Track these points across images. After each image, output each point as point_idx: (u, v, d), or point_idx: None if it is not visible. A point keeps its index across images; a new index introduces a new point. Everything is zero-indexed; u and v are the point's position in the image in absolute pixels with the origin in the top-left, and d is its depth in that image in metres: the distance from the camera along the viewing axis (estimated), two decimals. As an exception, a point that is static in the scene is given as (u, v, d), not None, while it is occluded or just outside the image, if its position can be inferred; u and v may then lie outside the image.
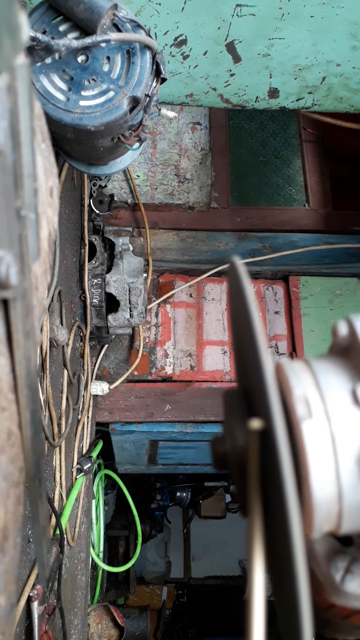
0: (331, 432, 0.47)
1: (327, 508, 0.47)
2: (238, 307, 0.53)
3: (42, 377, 1.55)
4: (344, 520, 0.48)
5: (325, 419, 0.48)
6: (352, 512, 0.48)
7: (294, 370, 0.52)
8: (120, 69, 1.19)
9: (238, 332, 0.57)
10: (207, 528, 5.60)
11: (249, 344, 0.49)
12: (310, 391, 0.49)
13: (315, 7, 1.42)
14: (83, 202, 2.24)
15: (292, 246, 2.53)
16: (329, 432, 0.47)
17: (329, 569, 0.55)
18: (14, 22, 0.43)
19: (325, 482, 0.47)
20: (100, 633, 2.84)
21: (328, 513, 0.48)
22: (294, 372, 0.51)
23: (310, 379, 0.51)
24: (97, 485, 2.90)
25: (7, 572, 0.51)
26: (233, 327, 0.62)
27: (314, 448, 0.47)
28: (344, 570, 0.54)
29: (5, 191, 0.44)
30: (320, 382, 0.50)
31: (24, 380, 0.51)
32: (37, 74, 1.17)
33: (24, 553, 1.38)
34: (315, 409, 0.48)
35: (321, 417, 0.48)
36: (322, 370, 0.51)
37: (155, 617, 5.21)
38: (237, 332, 0.58)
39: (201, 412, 2.41)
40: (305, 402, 0.48)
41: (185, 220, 2.52)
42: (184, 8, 1.41)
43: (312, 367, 0.52)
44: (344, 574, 0.54)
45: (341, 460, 0.47)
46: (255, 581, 0.44)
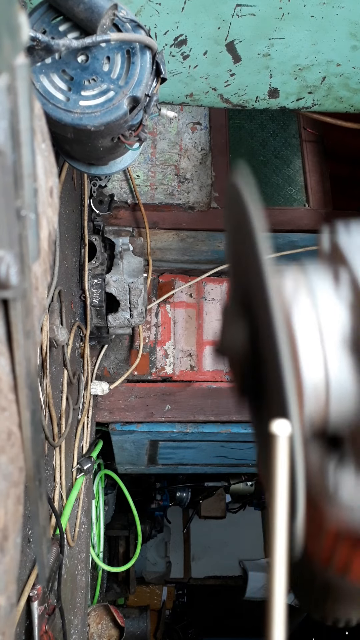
0: (318, 318, 0.51)
1: (316, 393, 0.50)
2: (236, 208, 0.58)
3: (42, 377, 1.55)
4: (332, 405, 0.50)
5: (312, 306, 0.51)
6: (340, 395, 0.50)
7: (288, 271, 0.57)
8: (120, 69, 1.19)
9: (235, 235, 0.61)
10: (207, 528, 5.60)
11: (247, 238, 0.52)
12: (301, 285, 0.54)
13: (315, 7, 1.42)
14: (83, 202, 2.24)
15: (292, 246, 2.53)
16: (316, 319, 0.51)
17: (322, 476, 0.56)
18: (14, 22, 0.43)
19: (313, 367, 0.50)
20: (100, 633, 2.84)
21: (317, 398, 0.50)
22: (288, 272, 0.56)
23: (301, 276, 0.55)
24: (97, 485, 2.90)
25: (7, 572, 0.51)
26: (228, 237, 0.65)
27: (302, 334, 0.50)
28: (335, 464, 0.56)
29: (5, 191, 0.44)
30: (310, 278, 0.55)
31: (24, 380, 0.51)
32: (37, 74, 1.17)
33: (24, 553, 1.38)
34: (303, 299, 0.52)
35: (308, 306, 0.51)
36: (311, 269, 0.57)
37: (155, 617, 5.21)
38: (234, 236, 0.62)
39: (201, 412, 2.41)
40: (295, 292, 0.53)
41: (185, 220, 2.52)
42: (184, 8, 1.41)
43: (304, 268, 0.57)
44: (336, 467, 0.56)
45: (327, 345, 0.50)
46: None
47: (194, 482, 4.68)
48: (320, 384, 0.50)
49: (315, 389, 0.50)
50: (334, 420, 0.52)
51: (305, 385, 0.50)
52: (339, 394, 0.50)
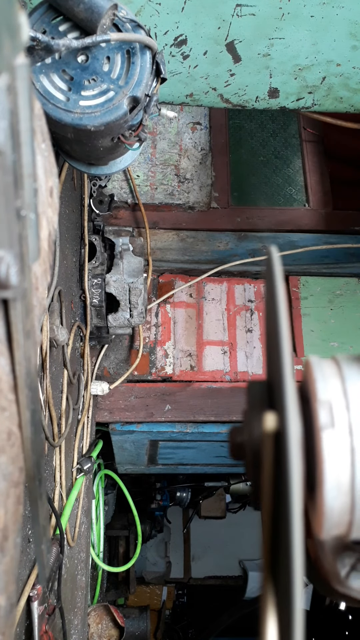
0: (352, 445, 0.46)
1: (339, 517, 0.47)
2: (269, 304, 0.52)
3: (42, 377, 1.55)
4: (353, 530, 0.48)
5: (348, 430, 0.46)
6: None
7: (322, 371, 0.50)
8: (120, 69, 1.19)
9: (268, 328, 0.56)
10: (207, 528, 5.60)
11: (274, 341, 0.48)
12: (336, 397, 0.48)
13: (315, 7, 1.42)
14: (83, 202, 2.24)
15: (292, 246, 2.53)
16: (350, 444, 0.46)
17: (335, 564, 0.55)
18: (14, 22, 0.43)
19: (339, 493, 0.46)
20: (100, 633, 2.84)
21: (339, 521, 0.47)
22: (322, 373, 0.50)
23: (338, 384, 0.49)
24: (97, 485, 2.90)
25: (7, 572, 0.51)
26: (265, 324, 0.61)
27: (331, 458, 0.46)
28: (350, 566, 0.54)
29: (5, 191, 0.44)
30: (347, 389, 0.48)
31: (24, 380, 0.51)
32: (37, 74, 1.17)
33: (24, 553, 1.38)
34: (338, 419, 0.47)
35: (343, 428, 0.46)
36: (351, 375, 0.49)
37: (155, 617, 5.20)
38: (268, 329, 0.57)
39: (201, 412, 2.41)
40: (329, 410, 0.47)
41: (185, 220, 2.52)
42: (184, 8, 1.41)
43: (342, 370, 0.50)
44: (350, 570, 0.54)
45: (358, 473, 0.46)
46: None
47: (194, 482, 4.67)
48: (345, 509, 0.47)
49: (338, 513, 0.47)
50: (354, 538, 0.50)
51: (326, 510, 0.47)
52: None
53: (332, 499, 0.46)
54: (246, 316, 2.59)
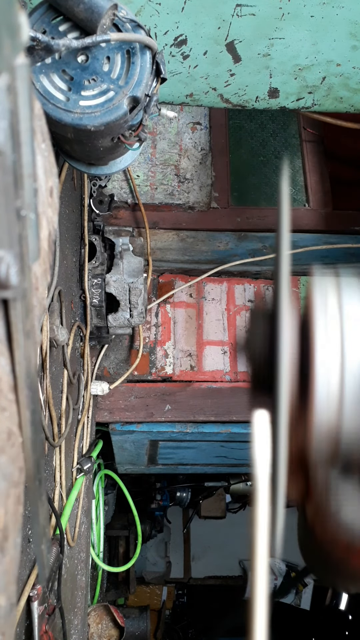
0: (342, 354, 0.51)
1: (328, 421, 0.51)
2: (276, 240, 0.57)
3: (42, 377, 1.55)
4: (343, 436, 0.51)
5: (340, 341, 0.51)
6: (351, 428, 0.51)
7: (322, 286, 0.56)
8: (120, 69, 1.19)
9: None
10: (207, 528, 5.60)
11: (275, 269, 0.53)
12: (332, 311, 0.53)
13: (315, 7, 1.42)
14: (83, 202, 2.24)
15: (292, 246, 2.53)
16: (340, 353, 0.51)
17: (327, 496, 0.58)
18: (14, 22, 0.43)
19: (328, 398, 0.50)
20: (100, 633, 2.84)
21: (328, 425, 0.51)
22: (322, 288, 0.56)
23: (334, 299, 0.54)
24: (97, 485, 2.90)
25: (7, 572, 0.51)
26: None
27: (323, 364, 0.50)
28: (341, 497, 0.57)
29: (5, 191, 0.44)
30: (343, 303, 0.54)
31: (24, 380, 0.51)
32: (37, 74, 1.17)
33: (24, 553, 1.38)
34: (332, 330, 0.52)
35: (336, 339, 0.52)
36: (349, 292, 0.55)
37: (155, 617, 5.20)
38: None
39: (201, 412, 2.41)
40: (323, 322, 0.52)
41: (185, 220, 2.52)
42: (184, 8, 1.41)
43: (340, 286, 0.56)
44: (341, 501, 0.57)
45: (347, 380, 0.50)
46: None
47: (194, 482, 4.67)
48: (334, 393, 0.51)
49: (328, 397, 0.51)
50: (346, 438, 0.52)
51: (317, 390, 0.50)
52: (353, 408, 0.51)
53: (322, 401, 0.50)
54: (246, 316, 2.59)
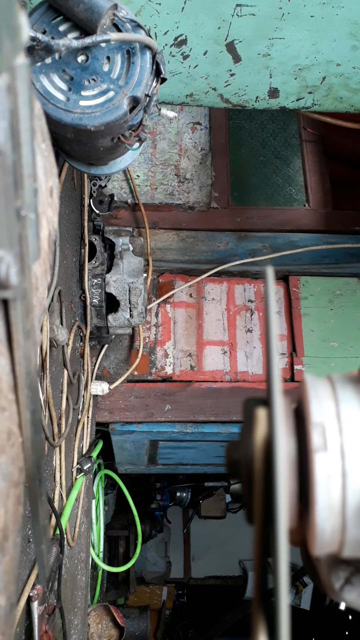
0: (343, 468, 0.47)
1: (330, 536, 0.48)
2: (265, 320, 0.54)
3: (42, 377, 1.55)
4: (345, 550, 0.49)
5: (340, 454, 0.47)
6: (354, 544, 0.48)
7: (316, 392, 0.51)
8: (120, 69, 1.19)
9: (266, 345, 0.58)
10: (207, 528, 5.60)
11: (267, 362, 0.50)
12: (329, 420, 0.49)
13: (315, 7, 1.42)
14: (83, 202, 2.24)
15: (292, 246, 2.53)
16: (342, 467, 0.47)
17: (329, 576, 0.56)
18: (14, 22, 0.43)
19: (330, 515, 0.47)
20: (100, 633, 2.84)
21: (331, 540, 0.48)
22: (316, 394, 0.51)
23: (331, 406, 0.50)
24: (97, 485, 2.90)
25: (7, 572, 0.51)
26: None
27: (323, 481, 0.47)
28: (344, 580, 0.55)
29: (5, 191, 0.44)
30: (341, 411, 0.49)
31: (24, 380, 0.51)
32: (37, 74, 1.17)
33: (24, 553, 1.38)
34: (331, 442, 0.48)
35: (336, 451, 0.47)
36: (345, 398, 0.50)
37: (155, 617, 5.20)
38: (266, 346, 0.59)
39: (201, 412, 2.41)
40: (322, 432, 0.48)
41: (185, 220, 2.52)
42: (184, 8, 1.41)
43: (336, 392, 0.51)
44: (344, 584, 0.55)
45: (349, 496, 0.47)
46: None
47: (194, 482, 4.67)
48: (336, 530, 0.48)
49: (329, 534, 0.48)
50: (347, 556, 0.51)
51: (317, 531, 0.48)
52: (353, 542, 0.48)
53: (323, 520, 0.47)
54: (246, 316, 2.59)
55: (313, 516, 0.47)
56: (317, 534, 0.48)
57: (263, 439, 0.48)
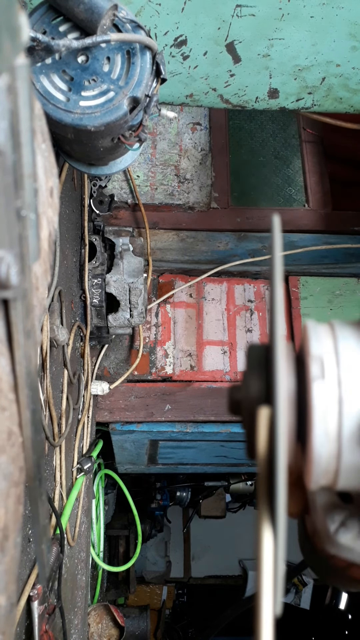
0: (340, 395, 0.50)
1: (326, 463, 0.51)
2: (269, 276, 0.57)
3: (42, 377, 1.55)
4: (340, 478, 0.51)
5: (337, 382, 0.50)
6: (349, 471, 0.51)
7: (316, 332, 0.54)
8: (120, 69, 1.19)
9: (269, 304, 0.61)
10: (207, 528, 5.60)
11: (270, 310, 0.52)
12: (328, 353, 0.52)
13: (315, 8, 1.42)
14: (83, 202, 2.25)
15: (292, 246, 2.53)
16: (338, 395, 0.50)
17: (324, 520, 0.58)
18: (14, 22, 0.43)
19: (326, 440, 0.50)
20: (100, 633, 2.84)
21: (326, 468, 0.51)
22: (316, 334, 0.54)
23: (330, 342, 0.53)
24: (97, 485, 2.90)
25: (8, 572, 0.51)
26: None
27: (320, 407, 0.50)
28: (339, 523, 0.58)
29: (5, 191, 0.44)
30: (339, 346, 0.53)
31: (24, 380, 0.51)
32: (37, 75, 1.17)
33: (24, 553, 1.39)
34: (328, 372, 0.51)
35: (333, 380, 0.50)
36: (343, 335, 0.54)
37: (155, 617, 5.20)
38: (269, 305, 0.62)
39: (201, 412, 2.41)
40: (320, 364, 0.51)
41: (185, 221, 2.52)
42: (184, 8, 1.41)
43: (335, 332, 0.55)
44: (339, 526, 0.57)
45: (345, 422, 0.50)
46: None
47: (194, 481, 4.67)
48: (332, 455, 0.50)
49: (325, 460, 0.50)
50: (341, 487, 0.53)
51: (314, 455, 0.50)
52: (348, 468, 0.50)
53: (320, 446, 0.50)
54: (246, 316, 2.59)
55: (310, 442, 0.50)
56: (314, 461, 0.50)
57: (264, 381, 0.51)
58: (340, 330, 0.55)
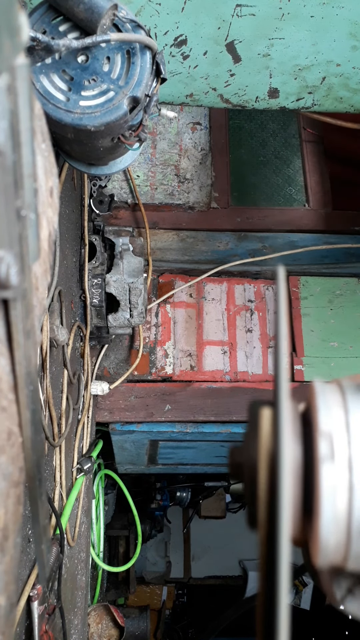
0: (350, 480, 0.45)
1: (334, 549, 0.47)
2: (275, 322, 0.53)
3: (42, 377, 1.55)
4: (349, 563, 0.48)
5: (348, 466, 0.46)
6: (358, 558, 0.47)
7: (325, 399, 0.49)
8: (120, 69, 1.19)
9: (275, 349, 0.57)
10: (207, 528, 5.60)
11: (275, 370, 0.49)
12: (338, 430, 0.47)
13: (315, 7, 1.42)
14: (83, 202, 2.24)
15: (292, 246, 2.53)
16: (349, 480, 0.45)
17: (331, 586, 0.54)
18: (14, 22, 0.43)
19: (335, 528, 0.46)
20: (100, 633, 2.84)
21: (335, 553, 0.47)
22: (325, 402, 0.49)
23: (341, 415, 0.48)
24: (97, 485, 2.90)
25: (7, 572, 0.51)
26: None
27: (328, 493, 0.45)
28: (346, 590, 0.54)
29: (5, 191, 0.44)
30: (350, 421, 0.47)
31: (24, 380, 0.51)
32: (37, 74, 1.17)
33: (24, 553, 1.39)
34: (338, 452, 0.46)
35: (343, 463, 0.46)
36: (355, 407, 0.48)
37: (155, 617, 5.20)
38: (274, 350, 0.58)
39: (201, 412, 2.41)
40: (329, 442, 0.46)
41: (185, 220, 2.52)
42: (184, 8, 1.41)
43: (346, 400, 0.49)
44: (346, 594, 0.54)
45: (356, 510, 0.45)
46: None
47: (194, 482, 4.67)
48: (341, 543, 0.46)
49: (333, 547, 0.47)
50: (351, 569, 0.49)
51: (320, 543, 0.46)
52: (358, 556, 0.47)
53: (327, 533, 0.46)
54: (246, 316, 2.59)
55: (317, 528, 0.46)
56: (320, 547, 0.46)
57: (268, 444, 0.47)
58: (352, 398, 0.49)
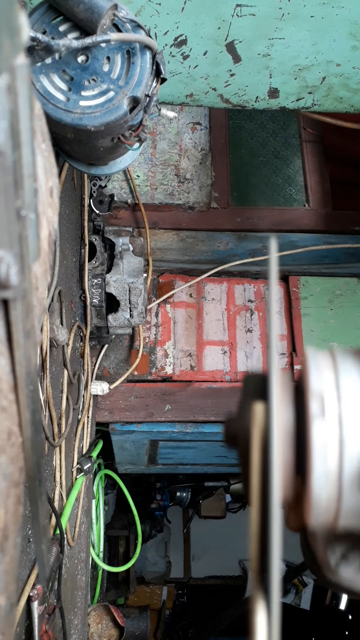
0: (341, 435, 0.47)
1: (326, 504, 0.48)
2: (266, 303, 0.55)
3: (42, 377, 1.55)
4: (340, 519, 0.49)
5: (338, 421, 0.48)
6: (350, 513, 0.48)
7: (316, 362, 0.51)
8: (120, 69, 1.19)
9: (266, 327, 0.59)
10: (207, 528, 5.60)
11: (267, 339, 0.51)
12: (328, 389, 0.49)
13: (315, 7, 1.42)
14: (83, 202, 2.24)
15: (292, 246, 2.53)
16: (339, 435, 0.47)
17: (325, 552, 0.56)
18: (14, 22, 0.43)
19: (326, 482, 0.47)
20: (100, 633, 2.84)
21: (326, 508, 0.49)
22: (316, 365, 0.51)
23: (331, 375, 0.50)
24: (97, 485, 2.90)
25: (7, 572, 0.51)
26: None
27: (320, 447, 0.47)
28: (340, 555, 0.55)
29: (5, 191, 0.44)
30: (340, 381, 0.49)
31: (24, 380, 0.51)
32: (37, 74, 1.17)
33: (24, 553, 1.39)
34: (329, 409, 0.48)
35: (333, 419, 0.48)
36: (345, 369, 0.50)
37: (155, 617, 5.20)
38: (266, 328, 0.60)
39: (201, 412, 2.41)
40: (320, 400, 0.48)
41: (185, 220, 2.52)
42: (184, 8, 1.41)
43: (337, 363, 0.51)
44: (340, 559, 0.55)
45: (346, 465, 0.47)
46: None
47: (194, 482, 4.67)
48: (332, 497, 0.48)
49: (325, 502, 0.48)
50: (342, 527, 0.51)
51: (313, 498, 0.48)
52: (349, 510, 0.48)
53: (319, 487, 0.47)
54: (246, 316, 2.59)
55: (309, 483, 0.48)
56: (312, 501, 0.48)
57: (261, 411, 0.49)
58: (342, 361, 0.51)
